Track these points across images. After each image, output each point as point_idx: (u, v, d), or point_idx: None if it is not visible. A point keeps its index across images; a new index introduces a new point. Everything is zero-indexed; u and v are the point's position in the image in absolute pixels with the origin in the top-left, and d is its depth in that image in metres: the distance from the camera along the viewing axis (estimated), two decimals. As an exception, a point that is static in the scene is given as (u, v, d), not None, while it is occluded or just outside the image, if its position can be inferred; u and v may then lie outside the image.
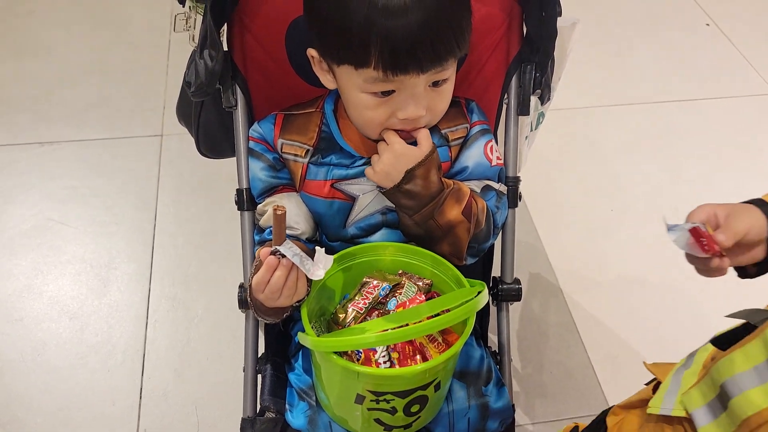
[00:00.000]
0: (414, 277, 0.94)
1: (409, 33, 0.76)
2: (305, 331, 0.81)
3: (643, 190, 1.94)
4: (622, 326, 1.63)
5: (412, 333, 0.77)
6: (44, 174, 1.91)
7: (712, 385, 0.71)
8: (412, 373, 0.81)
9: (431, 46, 0.78)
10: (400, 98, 0.83)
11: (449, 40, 0.79)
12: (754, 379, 0.66)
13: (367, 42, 0.77)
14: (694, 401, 0.74)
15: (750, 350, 0.67)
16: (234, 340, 1.54)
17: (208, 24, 0.89)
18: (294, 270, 0.80)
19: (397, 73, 0.79)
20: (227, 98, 0.99)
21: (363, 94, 0.84)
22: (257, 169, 0.96)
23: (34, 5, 2.50)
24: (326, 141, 0.93)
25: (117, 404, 1.45)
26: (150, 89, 2.18)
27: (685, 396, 0.75)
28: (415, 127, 0.88)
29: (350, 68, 0.81)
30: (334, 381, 0.86)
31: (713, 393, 0.72)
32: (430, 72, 0.81)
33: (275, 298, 0.80)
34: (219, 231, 1.78)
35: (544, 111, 1.43)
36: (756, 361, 0.66)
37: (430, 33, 0.77)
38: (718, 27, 2.54)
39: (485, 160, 0.97)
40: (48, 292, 1.65)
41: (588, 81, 2.28)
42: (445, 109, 0.90)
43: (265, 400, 0.97)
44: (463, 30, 0.81)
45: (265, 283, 0.79)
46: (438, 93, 0.86)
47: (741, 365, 0.68)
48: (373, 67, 0.78)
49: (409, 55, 0.77)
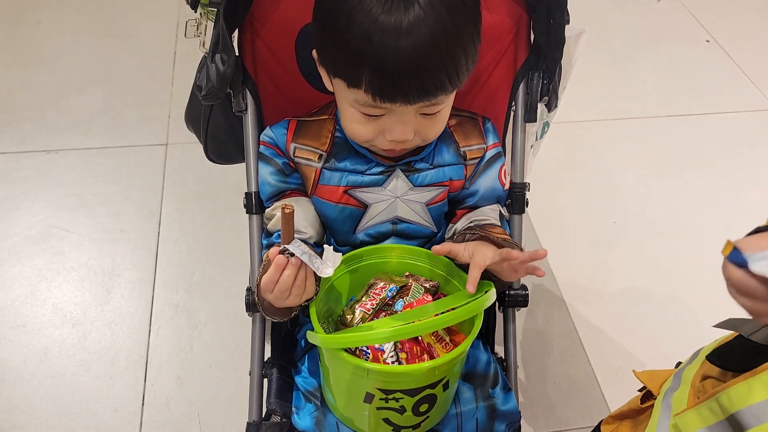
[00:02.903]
0: (421, 278, 0.94)
1: (397, 63, 0.74)
2: (314, 329, 0.81)
3: (646, 202, 1.95)
4: (625, 337, 1.63)
5: (422, 329, 0.77)
6: (50, 181, 1.92)
7: (719, 410, 0.68)
8: (422, 369, 0.81)
9: (418, 81, 0.77)
10: (388, 120, 0.83)
11: (440, 77, 0.78)
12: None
13: (360, 63, 0.76)
14: (691, 424, 0.72)
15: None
16: (237, 348, 1.54)
17: (221, 28, 0.90)
18: (303, 269, 0.80)
19: (385, 101, 0.79)
20: (237, 102, 1.00)
21: (353, 109, 0.84)
22: (266, 173, 0.96)
23: (41, 15, 2.52)
24: (339, 146, 0.94)
25: (119, 411, 1.44)
26: (155, 99, 2.19)
27: (680, 419, 0.73)
28: (404, 147, 0.88)
29: (343, 83, 0.81)
30: (343, 380, 0.86)
31: (716, 417, 0.69)
32: (418, 104, 0.80)
33: (284, 297, 0.80)
34: (223, 239, 1.78)
35: (549, 121, 1.44)
36: None
37: (419, 68, 0.75)
38: (718, 43, 2.57)
39: (499, 185, 1.00)
40: (51, 298, 1.65)
41: (590, 95, 2.30)
42: (438, 134, 0.90)
43: (271, 404, 0.97)
44: (459, 67, 0.79)
45: (274, 283, 0.79)
46: (429, 120, 0.85)
47: (760, 394, 0.64)
48: (363, 90, 0.78)
49: (395, 86, 0.77)
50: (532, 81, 1.02)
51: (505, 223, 1.01)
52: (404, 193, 0.95)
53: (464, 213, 1.01)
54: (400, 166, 0.94)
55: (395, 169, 0.94)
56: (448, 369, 0.84)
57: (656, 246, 1.83)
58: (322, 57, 0.83)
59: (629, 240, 1.85)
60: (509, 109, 1.06)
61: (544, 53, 0.99)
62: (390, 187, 0.94)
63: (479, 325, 0.82)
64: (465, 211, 1.01)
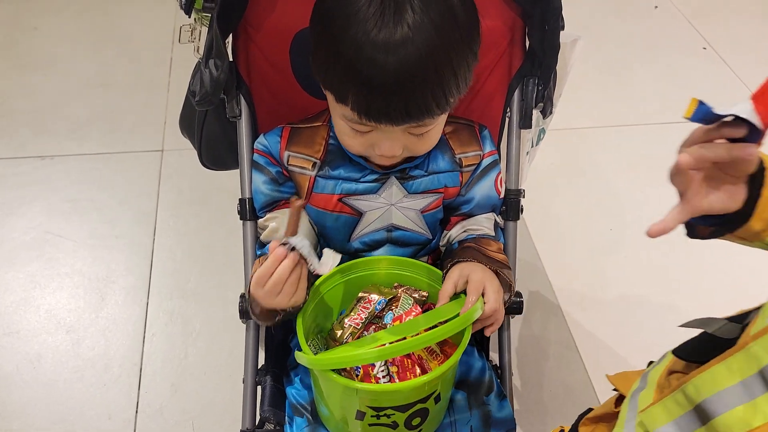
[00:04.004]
0: (410, 289, 0.94)
1: (383, 81, 0.73)
2: (302, 349, 0.80)
3: (642, 209, 1.94)
4: (622, 345, 1.62)
5: (409, 347, 0.77)
6: (45, 187, 1.91)
7: (685, 401, 0.67)
8: (411, 386, 0.80)
9: (403, 103, 0.75)
10: (376, 136, 0.83)
11: (425, 100, 0.76)
12: (742, 395, 0.61)
13: (348, 79, 0.75)
14: (657, 419, 0.70)
15: (733, 364, 0.62)
16: (231, 355, 1.53)
17: (215, 34, 0.90)
18: (299, 267, 0.79)
19: (370, 120, 0.78)
20: (231, 108, 0.99)
21: (343, 122, 0.83)
22: (260, 182, 0.96)
23: (38, 21, 2.52)
24: (333, 153, 0.94)
25: (113, 418, 1.43)
26: (151, 105, 2.19)
27: (645, 415, 0.72)
28: (393, 162, 0.89)
29: (332, 97, 0.80)
30: (334, 398, 0.86)
31: (682, 410, 0.68)
32: (404, 126, 0.80)
33: (275, 293, 0.79)
34: (218, 246, 1.78)
35: (544, 127, 1.44)
36: (742, 375, 0.61)
37: (403, 88, 0.74)
38: (715, 50, 2.57)
39: (494, 193, 1.00)
40: (45, 305, 1.64)
41: (587, 102, 2.30)
42: (428, 149, 0.89)
43: (265, 412, 0.96)
44: (447, 90, 0.77)
45: (269, 275, 0.78)
46: (419, 138, 0.85)
47: (725, 381, 0.63)
48: (350, 107, 0.78)
49: (379, 106, 0.76)
50: (527, 87, 1.02)
51: (499, 232, 1.01)
52: (399, 201, 0.94)
53: (459, 220, 1.01)
54: (395, 173, 0.93)
55: (390, 176, 0.93)
56: (439, 382, 0.83)
57: (653, 253, 1.82)
58: (316, 66, 0.83)
59: (626, 247, 1.85)
60: (504, 115, 1.06)
61: (539, 60, 0.98)
62: (384, 195, 0.94)
63: (468, 337, 0.82)
64: (459, 218, 1.01)
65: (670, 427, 0.68)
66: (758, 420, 0.58)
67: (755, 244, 0.74)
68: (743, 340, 0.63)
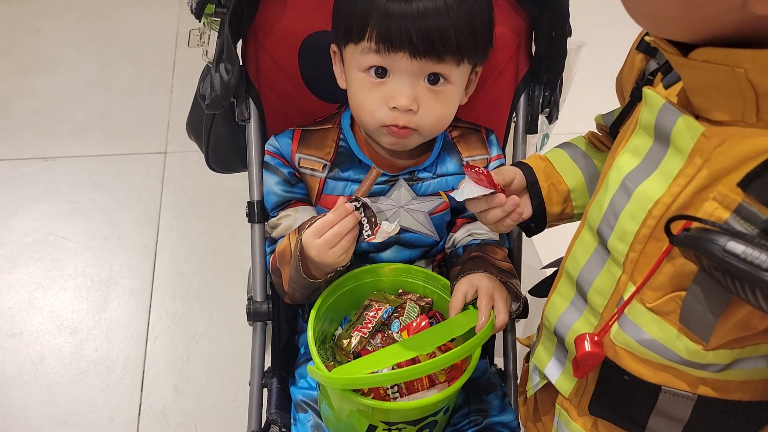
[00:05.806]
0: (415, 296, 0.94)
1: (405, 12, 0.78)
2: (315, 364, 0.81)
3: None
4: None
5: (425, 370, 0.78)
6: (48, 188, 1.92)
7: (551, 335, 0.76)
8: (428, 404, 0.81)
9: (426, 32, 0.78)
10: (392, 84, 0.83)
11: (446, 31, 0.79)
12: (573, 314, 0.71)
13: (368, 14, 0.79)
14: (542, 359, 0.78)
15: (562, 289, 0.75)
16: (234, 358, 1.53)
17: (226, 38, 0.90)
18: (355, 228, 0.82)
19: (389, 49, 0.80)
20: (241, 112, 1.00)
21: (360, 74, 0.84)
22: (272, 183, 0.96)
23: (41, 23, 2.53)
24: (343, 155, 0.94)
25: (116, 420, 1.43)
26: (154, 107, 2.20)
27: (535, 358, 0.80)
28: (407, 125, 0.85)
29: (352, 46, 0.83)
30: (345, 411, 0.86)
31: (552, 344, 0.76)
32: (423, 60, 0.81)
33: (331, 244, 0.81)
34: (221, 248, 1.78)
35: (549, 132, 1.44)
36: (569, 297, 0.73)
37: (426, 14, 0.78)
38: (716, 57, 2.59)
39: None
40: (48, 306, 1.64)
41: (590, 107, 2.29)
42: (441, 119, 0.88)
43: (271, 414, 0.96)
44: (469, 29, 0.81)
45: (330, 227, 0.81)
46: (435, 94, 0.84)
47: (561, 305, 0.74)
48: (367, 39, 0.80)
49: (401, 34, 0.78)
50: (533, 93, 1.03)
51: (504, 236, 1.02)
52: (407, 203, 0.95)
53: (464, 222, 1.02)
54: (404, 175, 0.94)
55: (398, 178, 0.94)
56: (451, 396, 0.84)
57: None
58: (335, 31, 0.85)
59: (627, 252, 1.85)
60: (510, 120, 1.06)
61: (546, 65, 0.99)
62: (393, 197, 0.94)
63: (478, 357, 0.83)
64: (465, 220, 1.02)
65: (552, 364, 0.76)
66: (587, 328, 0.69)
67: (574, 219, 0.93)
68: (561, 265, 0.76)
